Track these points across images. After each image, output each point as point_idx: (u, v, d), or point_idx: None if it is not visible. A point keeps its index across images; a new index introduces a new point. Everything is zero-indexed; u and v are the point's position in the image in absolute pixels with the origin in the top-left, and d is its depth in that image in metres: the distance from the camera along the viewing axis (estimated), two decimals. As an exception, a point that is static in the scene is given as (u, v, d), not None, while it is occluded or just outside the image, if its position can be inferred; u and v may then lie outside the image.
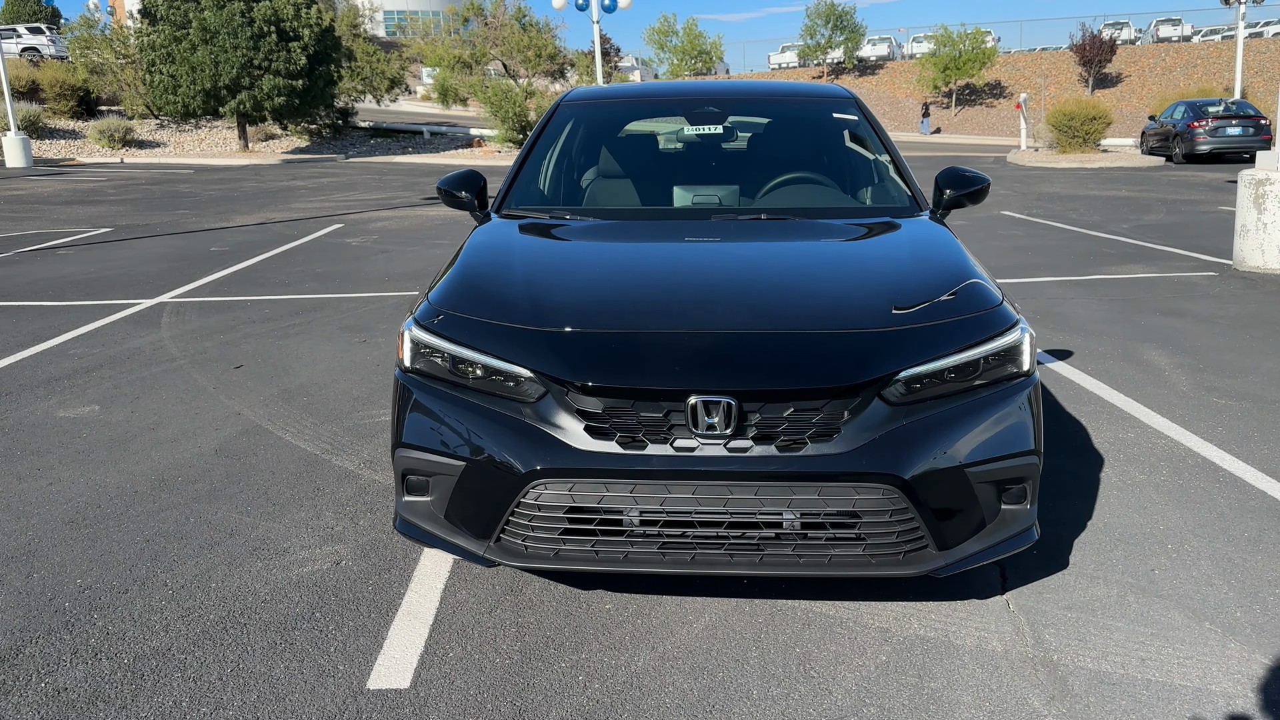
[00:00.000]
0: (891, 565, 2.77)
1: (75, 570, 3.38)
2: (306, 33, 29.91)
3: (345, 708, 2.61)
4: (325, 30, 30.82)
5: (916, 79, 49.91)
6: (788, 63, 59.54)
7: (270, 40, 29.03)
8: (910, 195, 4.09)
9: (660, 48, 54.32)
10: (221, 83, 29.07)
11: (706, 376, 2.69)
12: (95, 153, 32.82)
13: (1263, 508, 3.81)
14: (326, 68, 30.96)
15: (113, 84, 35.67)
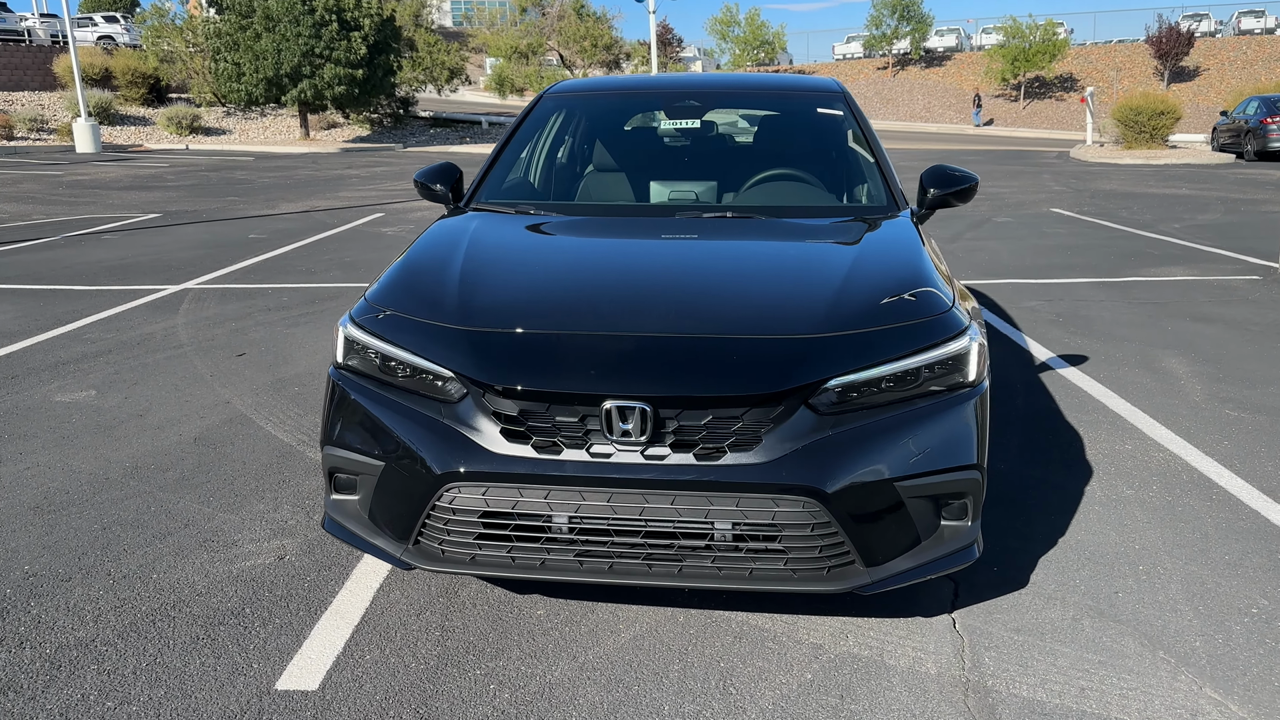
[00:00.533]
0: (815, 581, 2.66)
1: (26, 556, 3.41)
2: (367, 22, 30.27)
3: (248, 708, 2.58)
4: (385, 20, 31.16)
5: (984, 71, 48.85)
6: (852, 53, 58.73)
7: (331, 29, 29.43)
8: (888, 194, 3.95)
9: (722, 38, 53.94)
10: (283, 71, 29.57)
11: (621, 381, 2.60)
12: (163, 139, 33.66)
13: (1251, 529, 3.61)
14: (386, 57, 31.31)
15: (182, 72, 36.52)
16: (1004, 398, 5.16)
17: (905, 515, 2.70)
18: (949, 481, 2.74)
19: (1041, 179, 18.93)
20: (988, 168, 21.86)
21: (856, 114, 4.29)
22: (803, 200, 4.07)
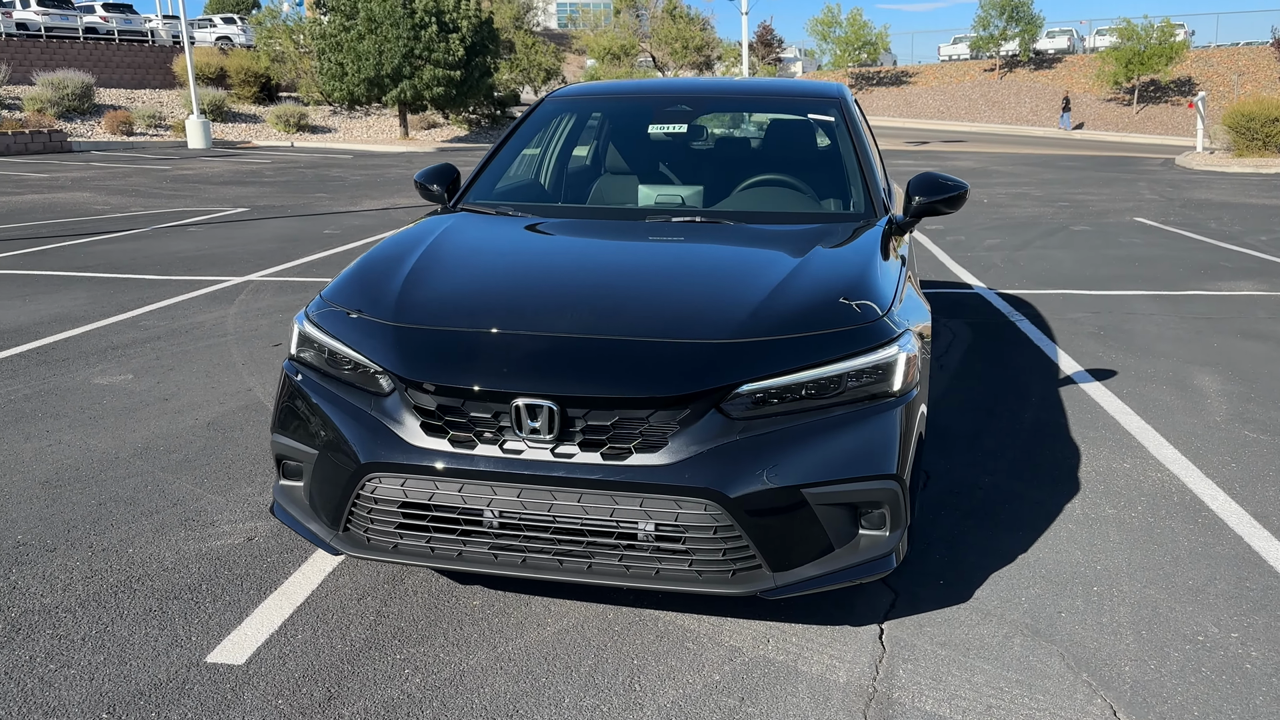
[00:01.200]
0: (720, 583, 2.69)
1: (23, 527, 3.66)
2: (465, 25, 30.95)
3: (173, 677, 2.73)
4: (483, 23, 31.80)
5: (1096, 74, 47.19)
6: (959, 54, 57.42)
7: (430, 31, 30.18)
8: (868, 201, 3.93)
9: (823, 39, 53.37)
10: (384, 71, 30.46)
11: (530, 380, 2.67)
12: (271, 136, 34.98)
13: (1228, 554, 3.48)
14: (483, 59, 31.95)
15: (291, 71, 37.90)
16: (1012, 411, 5.05)
17: (814, 521, 2.70)
18: (862, 490, 2.74)
19: (1136, 187, 18.25)
20: (1081, 174, 21.16)
21: (849, 120, 4.26)
22: (781, 206, 4.07)
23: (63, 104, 32.22)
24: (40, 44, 36.08)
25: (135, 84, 38.15)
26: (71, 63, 35.74)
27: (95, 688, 2.68)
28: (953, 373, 5.78)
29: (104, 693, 2.66)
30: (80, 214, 13.73)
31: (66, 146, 28.21)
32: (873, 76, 54.61)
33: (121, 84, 37.64)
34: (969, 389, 5.45)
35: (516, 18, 39.15)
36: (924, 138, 37.53)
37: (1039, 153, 29.67)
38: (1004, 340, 6.54)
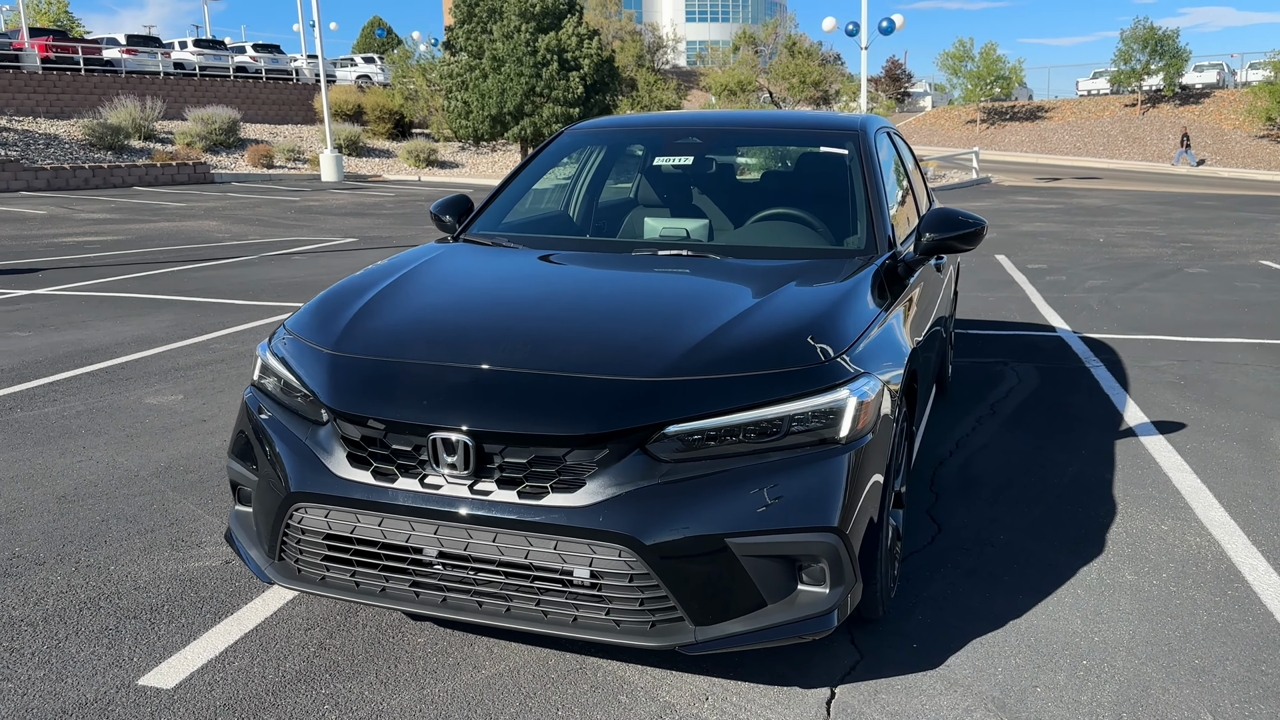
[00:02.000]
0: (639, 634, 2.55)
1: (23, 539, 3.79)
2: (586, 63, 31.53)
3: (100, 697, 2.75)
4: (604, 61, 32.34)
5: (1247, 109, 44.70)
6: (1099, 89, 55.30)
7: (551, 70, 30.87)
8: (870, 237, 3.74)
9: (954, 73, 52.22)
10: (506, 109, 31.27)
11: (446, 413, 2.60)
12: (401, 171, 36.32)
13: (1250, 632, 3.13)
14: (603, 97, 32.46)
15: (423, 109, 39.35)
16: (1054, 463, 4.72)
17: (741, 574, 2.54)
18: (795, 543, 2.56)
19: (1274, 228, 17.09)
20: (1215, 214, 19.96)
21: (864, 154, 4.08)
22: (783, 241, 3.92)
23: (210, 138, 34.22)
24: (194, 82, 38.50)
25: (278, 120, 40.26)
26: (221, 99, 37.99)
27: (24, 703, 2.72)
28: (1004, 420, 5.45)
29: (30, 708, 2.70)
30: (201, 241, 14.47)
31: (209, 178, 29.91)
32: (1005, 111, 53.10)
33: (265, 119, 39.78)
34: (1015, 438, 5.13)
35: (640, 56, 39.72)
36: (1056, 174, 36.19)
37: (1176, 191, 28.19)
38: (1071, 387, 6.15)
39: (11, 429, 5.18)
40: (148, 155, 31.48)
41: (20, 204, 21.51)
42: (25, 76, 34.13)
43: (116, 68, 37.56)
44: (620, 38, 48.94)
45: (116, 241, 14.48)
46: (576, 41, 31.35)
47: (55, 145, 30.99)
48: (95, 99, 34.59)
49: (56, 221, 17.73)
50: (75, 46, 36.86)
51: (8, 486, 4.34)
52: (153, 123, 33.58)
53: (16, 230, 16.17)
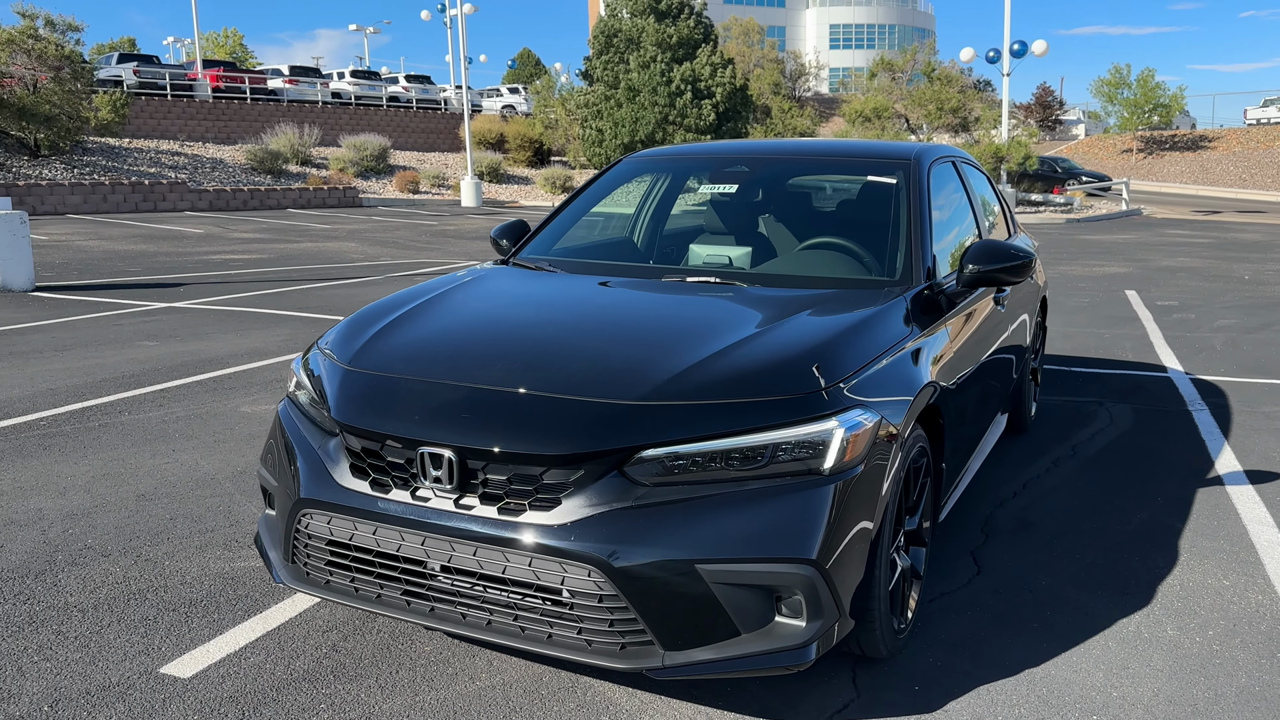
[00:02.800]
0: (609, 656, 2.58)
1: (98, 533, 4.09)
2: (719, 91, 31.77)
3: (122, 682, 2.95)
4: (738, 89, 32.50)
5: None
6: (1269, 118, 52.16)
7: (685, 99, 31.23)
8: (906, 268, 3.67)
9: (1109, 100, 50.19)
10: (638, 137, 31.79)
11: (434, 428, 2.70)
12: (538, 197, 37.27)
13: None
14: (734, 124, 32.61)
15: (562, 137, 40.35)
16: (1124, 510, 4.49)
17: (712, 601, 2.54)
18: (769, 573, 2.54)
19: None
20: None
21: (913, 184, 4.00)
22: (819, 270, 3.89)
23: (361, 164, 35.95)
24: (349, 110, 40.58)
25: (426, 147, 41.98)
26: (373, 127, 39.90)
27: (55, 683, 2.95)
28: (1081, 462, 5.22)
29: (59, 688, 2.92)
30: (336, 261, 15.22)
31: (357, 202, 31.41)
32: (1165, 140, 50.62)
33: (414, 147, 41.54)
34: (1088, 481, 4.90)
35: (775, 84, 39.73)
36: (1216, 206, 34.25)
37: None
38: (1165, 431, 5.83)
39: (116, 430, 5.58)
40: (303, 179, 33.32)
41: (183, 223, 23.10)
42: (197, 105, 36.69)
43: (279, 97, 39.96)
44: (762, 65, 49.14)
45: (259, 260, 15.38)
46: (711, 70, 31.62)
47: (220, 169, 33.16)
48: (259, 126, 36.86)
49: (211, 240, 18.96)
50: (243, 77, 39.44)
51: (99, 483, 4.69)
52: (309, 149, 35.53)
53: (174, 247, 17.38)
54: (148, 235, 19.76)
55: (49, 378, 6.88)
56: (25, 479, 4.73)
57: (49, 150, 28.76)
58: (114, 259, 15.31)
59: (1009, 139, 30.19)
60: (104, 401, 6.23)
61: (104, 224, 22.44)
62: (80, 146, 30.71)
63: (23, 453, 5.14)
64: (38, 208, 24.98)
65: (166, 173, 30.97)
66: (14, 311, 9.87)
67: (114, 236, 19.33)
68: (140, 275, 13.20)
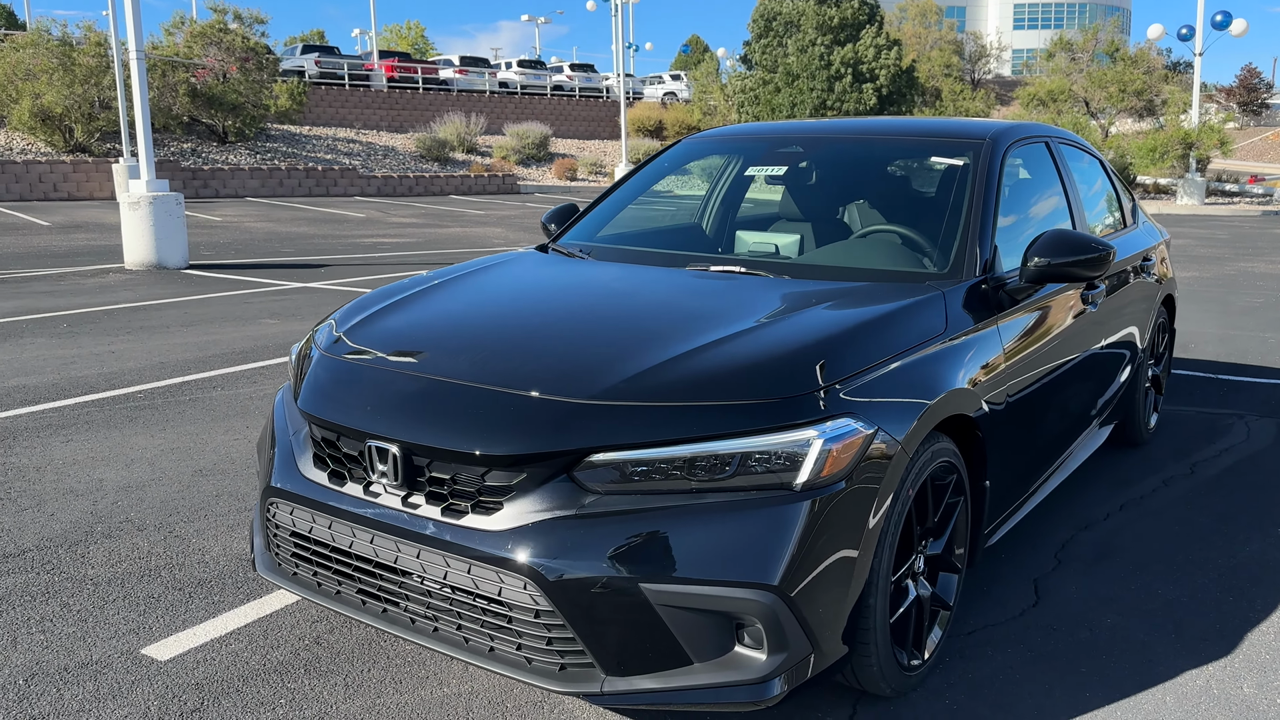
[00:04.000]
0: (547, 676, 2.37)
1: (142, 506, 4.17)
2: (882, 74, 30.70)
3: (101, 660, 2.95)
4: (903, 71, 31.31)
5: None
6: None
7: (845, 82, 30.34)
8: (957, 261, 3.28)
9: (1325, 83, 45.62)
10: (797, 122, 31.10)
11: (382, 420, 2.55)
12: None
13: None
14: (898, 108, 31.44)
15: (720, 123, 40.01)
16: (1234, 540, 3.94)
17: (659, 625, 2.29)
18: (722, 598, 2.28)
19: None
20: None
21: (982, 167, 3.58)
22: (862, 261, 3.54)
23: (523, 152, 36.72)
24: (515, 99, 41.50)
25: (586, 135, 42.47)
26: (536, 116, 40.67)
27: (40, 656, 2.97)
28: (1198, 483, 4.63)
29: (42, 662, 2.94)
30: (478, 246, 15.50)
31: (515, 189, 32.05)
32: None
33: (575, 135, 42.11)
34: (1199, 505, 4.33)
35: (948, 65, 38.06)
36: None
37: None
38: (1311, 450, 5.12)
39: (202, 405, 5.75)
40: (466, 166, 34.30)
41: (349, 208, 24.13)
42: (372, 94, 38.30)
43: (449, 86, 41.25)
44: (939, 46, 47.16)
45: (405, 243, 15.84)
46: (874, 53, 30.58)
47: (391, 156, 34.53)
48: (429, 115, 38.15)
49: (369, 224, 19.70)
50: (415, 67, 40.92)
51: (164, 457, 4.82)
52: (475, 137, 36.54)
53: (332, 230, 18.13)
54: (312, 218, 20.72)
55: (165, 352, 7.20)
56: (101, 450, 4.90)
57: (235, 137, 30.62)
58: (273, 240, 16.09)
59: (1199, 124, 27.86)
60: (202, 377, 6.45)
61: (276, 207, 23.70)
62: (264, 133, 32.56)
63: (110, 424, 5.35)
64: (220, 191, 26.64)
65: (340, 159, 32.48)
66: (161, 288, 10.45)
67: (281, 219, 20.36)
68: (290, 256, 13.80)
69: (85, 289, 10.25)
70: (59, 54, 25.73)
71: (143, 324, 8.31)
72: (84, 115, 26.17)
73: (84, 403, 5.75)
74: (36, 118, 25.85)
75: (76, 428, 5.26)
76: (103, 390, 6.05)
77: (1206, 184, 28.04)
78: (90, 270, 11.71)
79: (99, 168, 24.67)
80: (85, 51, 26.12)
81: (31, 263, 12.35)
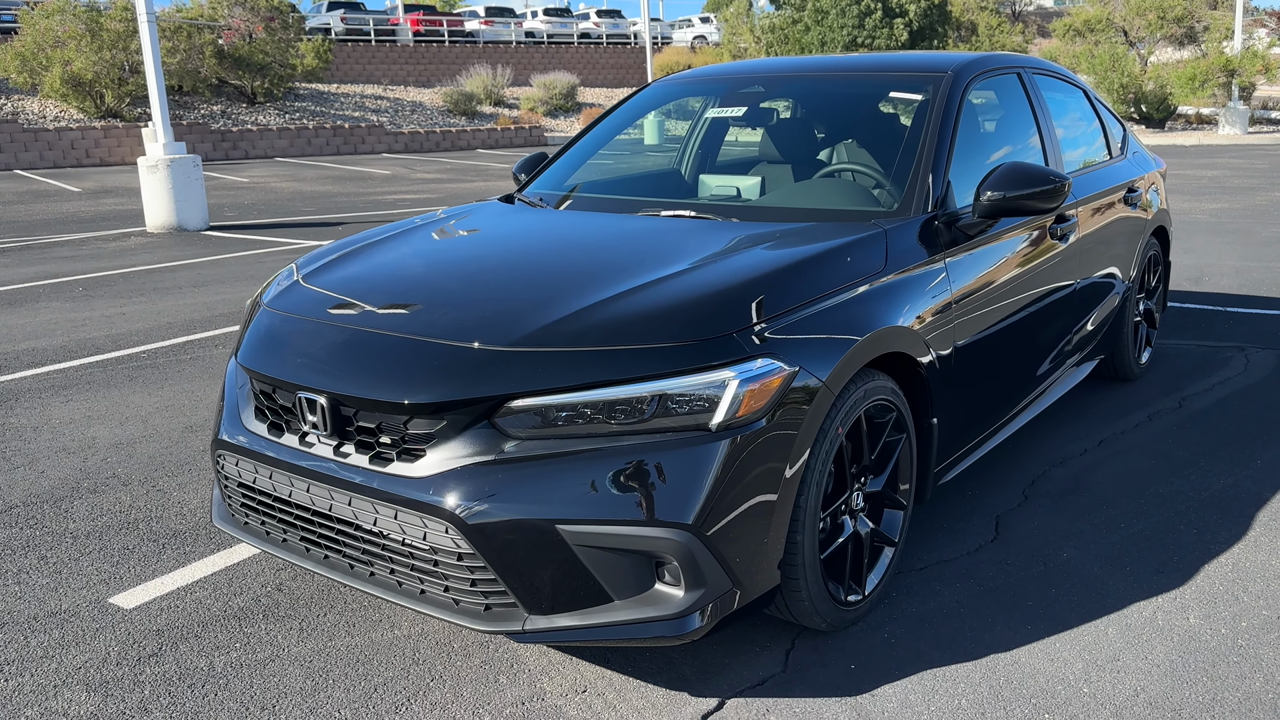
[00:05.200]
0: (474, 616, 2.44)
1: (130, 462, 4.28)
2: (913, 9, 29.97)
3: (69, 609, 3.06)
4: (935, 5, 30.55)
5: None
6: None
7: (875, 18, 29.67)
8: (907, 197, 3.24)
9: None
10: (825, 62, 30.50)
11: (310, 372, 2.60)
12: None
13: (1304, 714, 2.41)
14: (931, 43, 30.73)
15: (751, 66, 39.37)
16: (1208, 473, 3.90)
17: (577, 565, 2.33)
18: (637, 537, 2.31)
19: None
20: None
21: (940, 101, 3.51)
22: (816, 201, 3.51)
23: (551, 103, 36.47)
24: (541, 49, 41.15)
25: (615, 83, 42.07)
26: (563, 65, 40.31)
27: (10, 606, 3.09)
28: (1184, 418, 4.56)
29: (13, 612, 3.06)
30: (493, 199, 15.50)
31: (543, 141, 31.90)
32: None
33: (603, 83, 41.73)
34: (1182, 439, 4.28)
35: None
36: None
37: None
38: (1308, 381, 5.02)
39: (201, 364, 5.87)
40: (494, 120, 34.16)
41: (375, 165, 24.20)
42: (399, 50, 38.18)
43: (475, 38, 40.97)
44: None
45: (426, 200, 15.88)
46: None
47: (419, 111, 34.48)
48: (456, 68, 37.96)
49: (394, 181, 19.76)
50: (441, 20, 40.67)
51: (158, 415, 4.94)
52: (501, 89, 36.32)
53: (356, 188, 18.21)
54: (338, 176, 20.83)
55: (174, 312, 7.33)
56: (98, 409, 5.04)
57: (264, 97, 30.74)
58: (298, 199, 16.21)
59: (1241, 50, 26.91)
60: (205, 336, 6.57)
61: (303, 166, 23.83)
62: (292, 93, 32.65)
63: (110, 383, 5.48)
64: (250, 152, 26.84)
65: (369, 116, 32.51)
66: (178, 250, 10.61)
67: (307, 178, 20.48)
68: (311, 215, 13.90)
69: (105, 253, 10.43)
70: (86, 20, 25.93)
71: (156, 285, 8.46)
72: (114, 80, 26.41)
73: (88, 364, 5.90)
74: (67, 84, 26.12)
75: (78, 388, 5.40)
76: (108, 351, 6.19)
77: (1251, 112, 27.16)
78: (113, 235, 11.90)
79: (130, 132, 24.95)
80: (112, 16, 26.30)
81: (58, 229, 12.58)
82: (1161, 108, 27.76)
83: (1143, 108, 28.08)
